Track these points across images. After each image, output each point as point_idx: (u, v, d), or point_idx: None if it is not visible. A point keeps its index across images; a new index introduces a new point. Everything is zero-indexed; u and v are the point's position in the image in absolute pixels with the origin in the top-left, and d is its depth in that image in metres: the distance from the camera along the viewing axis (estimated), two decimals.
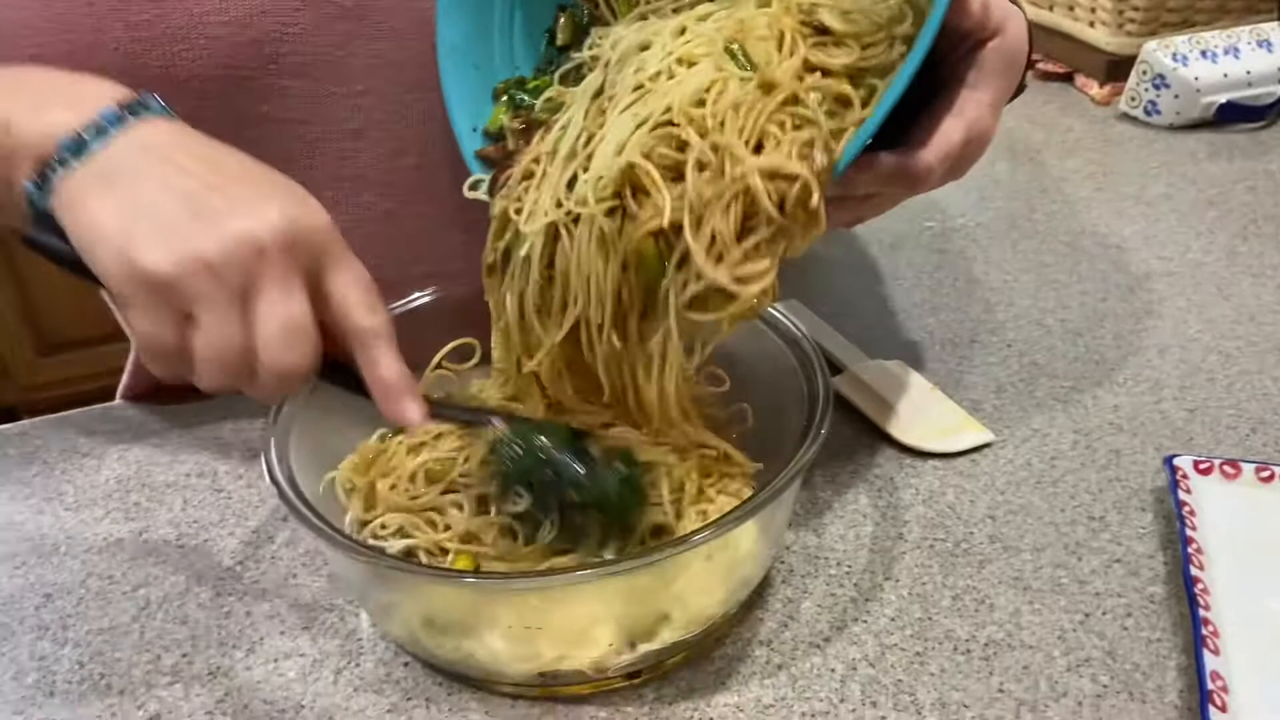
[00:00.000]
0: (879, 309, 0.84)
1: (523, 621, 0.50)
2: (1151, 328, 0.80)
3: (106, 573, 0.62)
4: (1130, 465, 0.66)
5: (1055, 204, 0.99)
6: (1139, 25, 1.21)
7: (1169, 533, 0.61)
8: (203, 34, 0.61)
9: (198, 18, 0.61)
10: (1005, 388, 0.74)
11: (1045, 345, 0.79)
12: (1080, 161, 1.08)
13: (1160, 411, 0.71)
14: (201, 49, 0.61)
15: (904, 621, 0.56)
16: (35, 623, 0.59)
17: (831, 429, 0.54)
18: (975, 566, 0.59)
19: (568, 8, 0.65)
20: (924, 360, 0.77)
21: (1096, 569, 0.59)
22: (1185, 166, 1.05)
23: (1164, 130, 1.13)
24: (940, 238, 0.94)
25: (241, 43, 0.62)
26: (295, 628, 0.58)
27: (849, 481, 0.66)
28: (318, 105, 0.65)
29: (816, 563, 0.60)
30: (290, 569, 0.62)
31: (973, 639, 0.55)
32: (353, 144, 0.67)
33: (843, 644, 0.55)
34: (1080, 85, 1.25)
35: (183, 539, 0.65)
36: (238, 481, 0.69)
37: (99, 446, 0.73)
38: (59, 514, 0.67)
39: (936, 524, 0.62)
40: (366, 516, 0.58)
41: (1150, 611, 0.56)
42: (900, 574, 0.59)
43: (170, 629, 0.58)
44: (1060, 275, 0.87)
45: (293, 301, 0.45)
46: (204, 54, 0.61)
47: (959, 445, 0.68)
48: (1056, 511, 0.63)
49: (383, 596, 0.54)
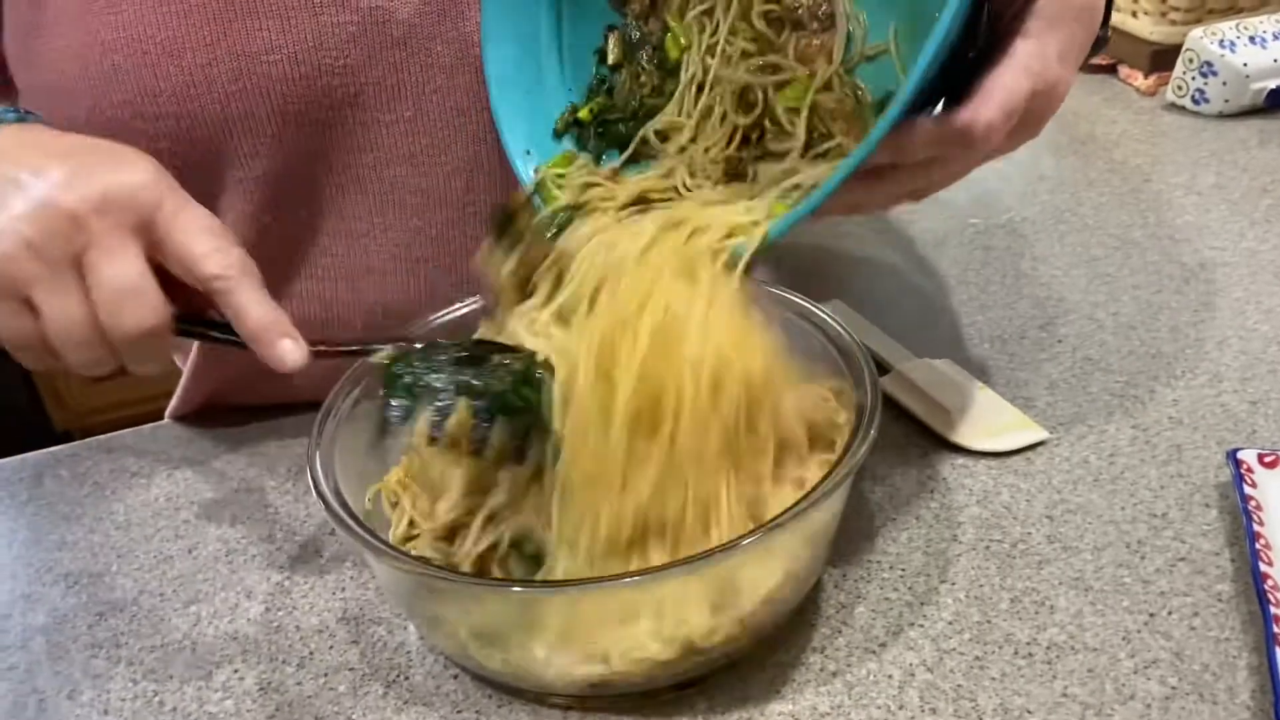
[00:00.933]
0: (925, 307, 0.83)
1: (571, 630, 0.49)
2: (1208, 319, 0.78)
3: (158, 590, 0.63)
4: (1192, 460, 0.64)
5: (1103, 196, 0.97)
6: (1183, 14, 1.18)
7: (1235, 528, 0.59)
8: (256, 71, 0.61)
9: (251, 57, 0.61)
10: (1058, 384, 0.72)
11: (1098, 340, 0.77)
12: (1127, 153, 1.06)
13: (1221, 404, 0.69)
14: (255, 87, 0.61)
15: (962, 625, 0.55)
16: (89, 641, 0.60)
17: (880, 430, 0.53)
18: (1034, 567, 0.58)
19: (616, 28, 0.64)
20: (972, 358, 0.76)
21: (1160, 568, 0.57)
22: (1236, 154, 1.03)
23: (1213, 119, 1.10)
24: (985, 234, 0.93)
25: (294, 78, 0.62)
26: (344, 641, 0.58)
27: (900, 483, 0.65)
28: (369, 133, 0.65)
29: (869, 566, 0.59)
30: (338, 582, 0.62)
31: (1034, 642, 0.53)
32: (403, 169, 0.67)
33: (899, 649, 0.54)
34: (1124, 76, 1.23)
35: (232, 555, 0.65)
36: (285, 497, 0.69)
37: (148, 466, 0.74)
38: (110, 533, 0.68)
39: (992, 524, 0.61)
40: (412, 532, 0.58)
41: (1218, 610, 0.54)
42: (956, 576, 0.58)
43: (221, 645, 0.58)
44: (1111, 269, 0.86)
45: (122, 262, 0.45)
46: (258, 92, 0.61)
47: (1012, 444, 0.66)
48: (1116, 509, 0.61)
49: (430, 608, 0.54)
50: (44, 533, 0.69)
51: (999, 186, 1.01)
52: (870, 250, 0.92)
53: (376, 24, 0.63)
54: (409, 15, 0.63)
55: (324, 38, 0.62)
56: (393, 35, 0.64)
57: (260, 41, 0.61)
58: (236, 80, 0.61)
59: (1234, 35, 1.10)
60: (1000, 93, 0.48)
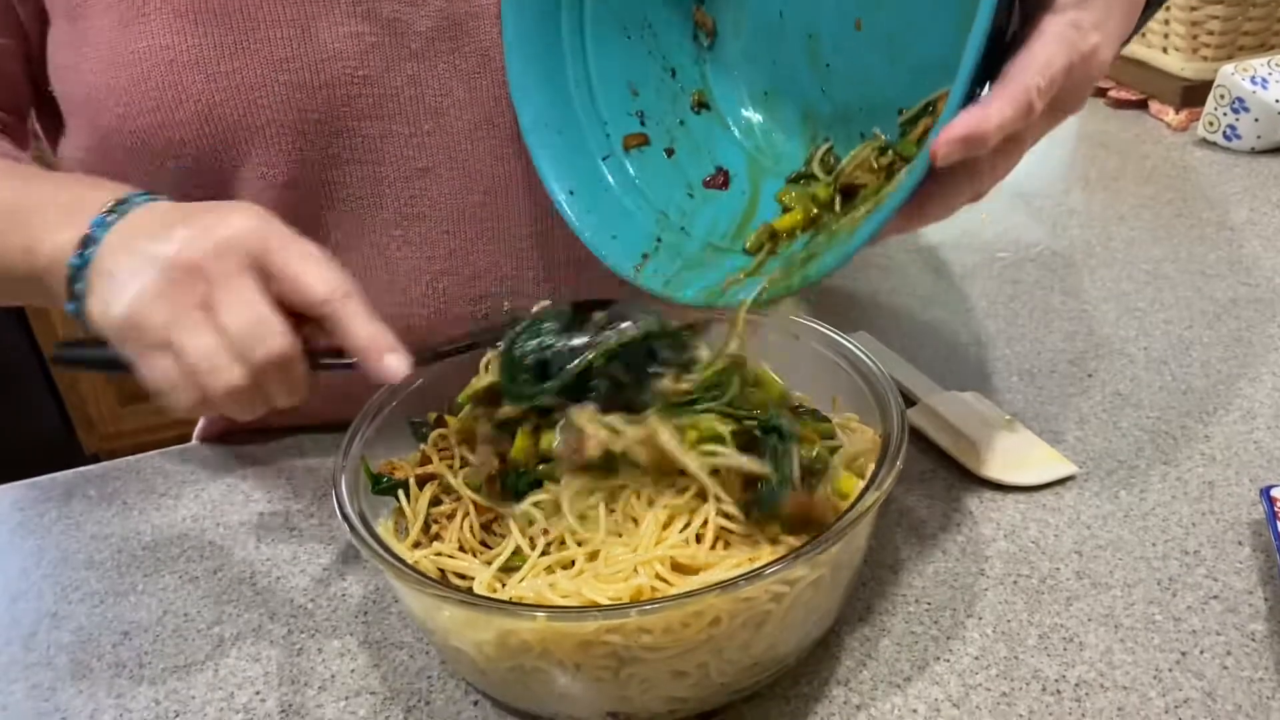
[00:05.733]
0: (952, 340, 0.83)
1: (592, 658, 0.49)
2: (1240, 355, 0.77)
3: (182, 610, 0.63)
4: (1224, 497, 0.63)
5: (1134, 231, 0.97)
6: (1214, 50, 1.18)
7: (1269, 567, 0.58)
8: (278, 80, 0.62)
9: (273, 65, 0.62)
10: (1088, 419, 0.72)
11: (1129, 375, 0.76)
12: (1158, 188, 1.05)
13: (1254, 441, 0.68)
14: (276, 95, 0.62)
15: (988, 660, 0.54)
16: (113, 660, 0.60)
17: (906, 462, 0.53)
18: (1062, 603, 0.57)
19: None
20: (1000, 392, 0.75)
21: (1192, 605, 0.56)
22: (1269, 190, 1.02)
23: (1244, 155, 1.10)
24: (1014, 268, 0.92)
25: (315, 86, 0.63)
26: (366, 665, 0.58)
27: (926, 516, 0.64)
28: (386, 145, 0.66)
29: (894, 599, 0.58)
30: (361, 606, 0.62)
31: (1062, 679, 0.53)
32: (420, 183, 0.68)
33: (924, 684, 0.53)
34: (1155, 112, 1.22)
35: (256, 577, 0.65)
36: (309, 520, 0.69)
37: (175, 487, 0.74)
38: (136, 553, 0.68)
39: (1020, 559, 0.60)
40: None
41: (1251, 650, 0.53)
42: (983, 611, 0.57)
43: (244, 666, 0.58)
44: (1141, 304, 0.85)
45: (245, 296, 0.49)
46: (279, 100, 0.63)
47: (1040, 478, 0.66)
48: (1147, 546, 0.60)
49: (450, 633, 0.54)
50: (71, 552, 0.69)
51: (1028, 220, 1.01)
52: (898, 282, 0.92)
53: (394, 35, 0.64)
54: (427, 28, 0.65)
55: (343, 48, 0.63)
56: (411, 47, 0.65)
57: (281, 51, 0.62)
58: (258, 89, 0.62)
59: (1266, 71, 1.09)
60: (1035, 66, 0.47)
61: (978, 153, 0.46)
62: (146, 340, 0.50)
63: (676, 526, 0.51)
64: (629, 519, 0.53)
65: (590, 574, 0.51)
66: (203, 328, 0.49)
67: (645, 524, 0.52)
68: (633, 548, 0.51)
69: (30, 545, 0.70)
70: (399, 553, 0.52)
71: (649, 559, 0.50)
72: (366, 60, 0.64)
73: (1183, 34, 1.18)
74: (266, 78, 0.62)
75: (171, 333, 0.49)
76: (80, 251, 0.53)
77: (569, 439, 0.53)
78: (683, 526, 0.51)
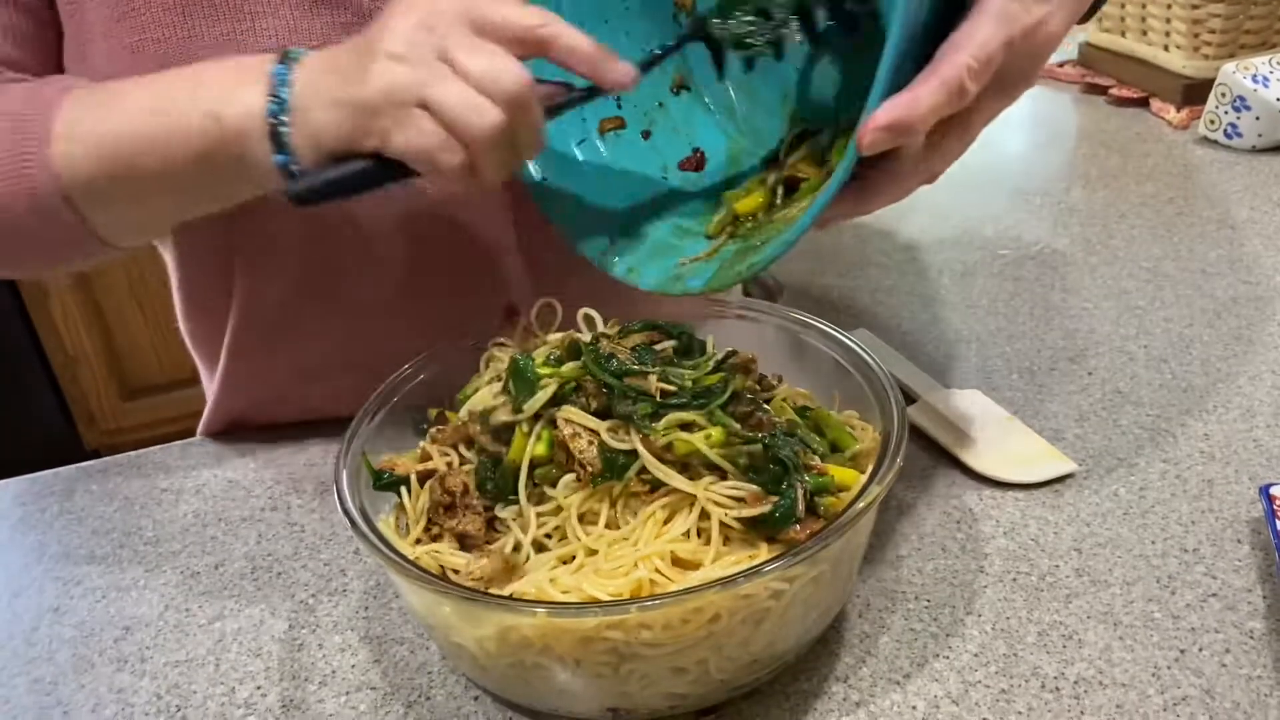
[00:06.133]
0: (952, 338, 0.83)
1: (592, 654, 0.49)
2: (1241, 353, 0.77)
3: (184, 606, 0.63)
4: (1224, 495, 0.63)
5: (1134, 229, 0.97)
6: (1215, 48, 1.18)
7: (1267, 565, 0.58)
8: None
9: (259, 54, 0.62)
10: (1088, 416, 0.72)
11: (1129, 373, 0.76)
12: (1159, 186, 1.05)
13: (1254, 439, 0.68)
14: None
15: (988, 658, 0.54)
16: (114, 655, 0.60)
17: (907, 459, 0.53)
18: (1062, 601, 0.57)
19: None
20: (1001, 389, 0.75)
21: (1191, 603, 0.56)
22: (1270, 189, 1.02)
23: (1245, 153, 1.10)
24: (1014, 265, 0.92)
25: None
26: (367, 661, 0.58)
27: (926, 513, 0.64)
28: None
29: (894, 596, 0.58)
30: (362, 601, 0.62)
31: (1061, 676, 0.53)
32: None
33: (924, 680, 0.53)
34: (1156, 110, 1.22)
35: (257, 572, 0.65)
36: (311, 515, 0.70)
37: (177, 483, 0.74)
38: (138, 548, 0.68)
39: (1019, 556, 0.60)
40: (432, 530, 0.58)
41: (1249, 648, 0.53)
42: (983, 608, 0.57)
43: (245, 661, 0.59)
44: (1142, 301, 0.85)
45: (475, 42, 0.50)
46: None
47: (1040, 475, 0.66)
48: (1147, 544, 0.61)
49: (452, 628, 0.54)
50: (73, 547, 0.69)
51: (1029, 218, 1.01)
52: (898, 280, 0.92)
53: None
54: None
55: (326, 37, 0.64)
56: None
57: (267, 39, 0.63)
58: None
59: (1267, 70, 1.09)
60: (968, 46, 0.46)
61: (908, 140, 0.46)
62: (401, 100, 0.50)
63: (678, 521, 0.51)
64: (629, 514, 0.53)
65: (590, 569, 0.51)
66: (449, 75, 0.50)
67: (645, 519, 0.52)
68: (633, 542, 0.51)
69: (32, 540, 0.70)
70: (400, 548, 0.53)
71: (649, 554, 0.50)
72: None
73: (1184, 32, 1.18)
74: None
75: (425, 89, 0.50)
76: (274, 96, 0.53)
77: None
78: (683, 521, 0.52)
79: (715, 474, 0.52)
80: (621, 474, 0.52)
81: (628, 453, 0.52)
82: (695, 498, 0.51)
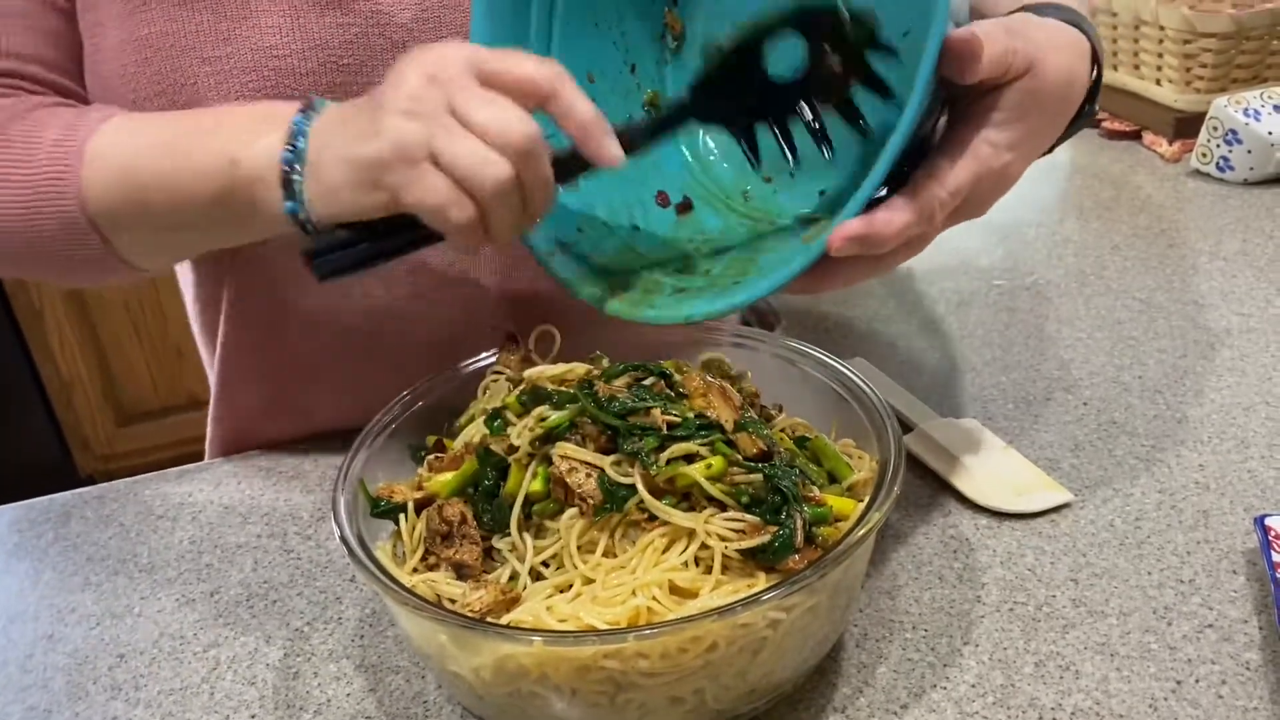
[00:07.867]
0: (949, 367, 0.83)
1: (589, 683, 0.49)
2: (1234, 385, 0.77)
3: (178, 633, 0.63)
4: (1219, 526, 0.64)
5: (1127, 260, 0.97)
6: (1207, 82, 1.19)
7: (1263, 596, 0.58)
8: (268, 66, 0.64)
9: (264, 52, 0.64)
10: (1083, 446, 0.72)
11: (1123, 403, 0.76)
12: (1151, 218, 1.06)
13: (1248, 470, 0.68)
14: (268, 80, 0.65)
15: (985, 688, 0.54)
16: (109, 682, 0.60)
17: (903, 488, 0.53)
18: (1058, 631, 0.57)
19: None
20: (996, 418, 0.76)
21: (1188, 634, 0.56)
22: (1262, 221, 1.03)
23: (1237, 186, 1.11)
24: (1009, 295, 0.93)
25: (303, 72, 0.65)
26: (362, 689, 0.58)
27: (923, 542, 0.64)
28: None
29: (891, 626, 0.58)
30: (358, 630, 0.62)
31: (1059, 707, 0.53)
32: None
33: (921, 711, 0.53)
34: (1148, 143, 1.23)
35: (253, 600, 0.65)
36: (307, 543, 0.69)
37: (173, 509, 0.74)
38: (133, 575, 0.68)
39: (1016, 586, 0.60)
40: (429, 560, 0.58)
41: (1246, 679, 0.53)
42: (980, 638, 0.57)
43: (240, 690, 0.58)
44: (1136, 332, 0.85)
45: (482, 94, 0.50)
46: (269, 84, 0.65)
47: (1036, 505, 0.66)
48: (1143, 574, 0.61)
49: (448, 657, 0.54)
50: (68, 574, 0.69)
51: (1023, 249, 1.02)
52: (894, 309, 0.93)
53: (376, 27, 0.66)
54: (408, 19, 0.66)
55: (328, 37, 0.65)
56: (392, 39, 0.66)
57: (272, 37, 0.64)
58: (251, 73, 0.64)
59: (1259, 104, 1.11)
60: (944, 182, 0.52)
61: (873, 252, 0.51)
62: (410, 156, 0.50)
63: (676, 550, 0.52)
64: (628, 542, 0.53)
65: (588, 597, 0.51)
66: (459, 131, 0.50)
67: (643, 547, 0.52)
68: (631, 570, 0.51)
69: (26, 567, 0.70)
70: (396, 576, 0.53)
71: (647, 582, 0.50)
72: (350, 51, 0.66)
73: (1176, 66, 1.20)
74: (259, 63, 0.64)
75: (434, 142, 0.50)
76: (290, 146, 0.54)
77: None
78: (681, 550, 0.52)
79: (716, 504, 0.52)
80: (622, 505, 0.52)
81: (629, 486, 0.52)
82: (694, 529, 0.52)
